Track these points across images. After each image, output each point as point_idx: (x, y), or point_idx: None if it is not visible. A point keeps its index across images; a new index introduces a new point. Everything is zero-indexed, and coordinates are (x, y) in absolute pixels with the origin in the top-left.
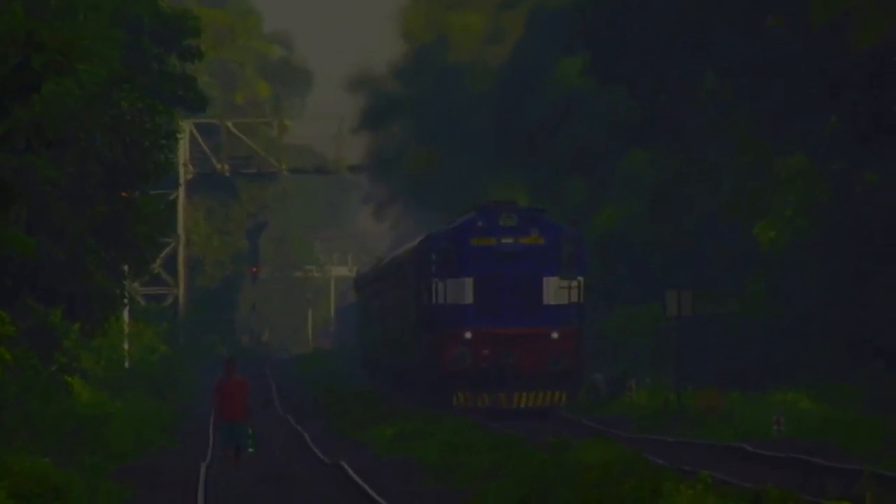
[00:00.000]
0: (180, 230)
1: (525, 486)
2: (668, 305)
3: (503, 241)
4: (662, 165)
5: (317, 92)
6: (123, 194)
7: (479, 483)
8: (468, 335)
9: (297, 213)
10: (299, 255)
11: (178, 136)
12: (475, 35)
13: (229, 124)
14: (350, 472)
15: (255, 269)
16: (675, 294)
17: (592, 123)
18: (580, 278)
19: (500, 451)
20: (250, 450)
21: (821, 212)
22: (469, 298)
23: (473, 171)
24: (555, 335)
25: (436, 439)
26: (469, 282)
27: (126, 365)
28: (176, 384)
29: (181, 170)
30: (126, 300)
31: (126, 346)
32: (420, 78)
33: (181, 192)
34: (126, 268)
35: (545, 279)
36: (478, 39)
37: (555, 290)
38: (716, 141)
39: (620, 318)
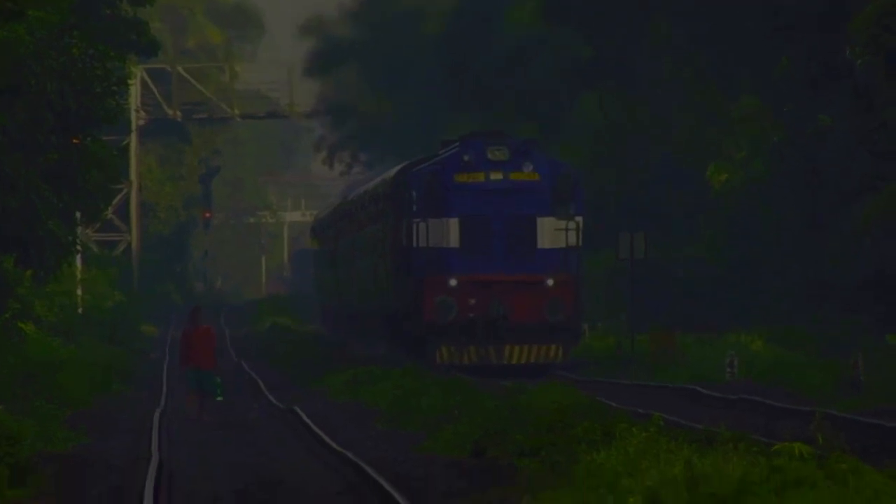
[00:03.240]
0: (133, 176)
1: (478, 430)
2: (620, 248)
3: (492, 176)
4: (613, 109)
5: (269, 37)
6: (75, 141)
7: (432, 427)
8: (453, 282)
9: (250, 159)
10: (252, 201)
11: (130, 81)
12: None
13: (180, 69)
14: (304, 416)
15: (207, 215)
16: (628, 237)
17: (544, 67)
18: (578, 219)
19: (454, 395)
20: (218, 398)
21: (774, 154)
22: (454, 241)
23: (425, 114)
24: (550, 282)
25: (389, 383)
26: (454, 222)
27: (79, 311)
28: (129, 330)
29: (133, 115)
30: (79, 247)
31: (79, 292)
32: (371, 22)
33: (133, 137)
34: (78, 214)
35: (539, 220)
36: None
37: (550, 233)
38: (667, 83)
39: None
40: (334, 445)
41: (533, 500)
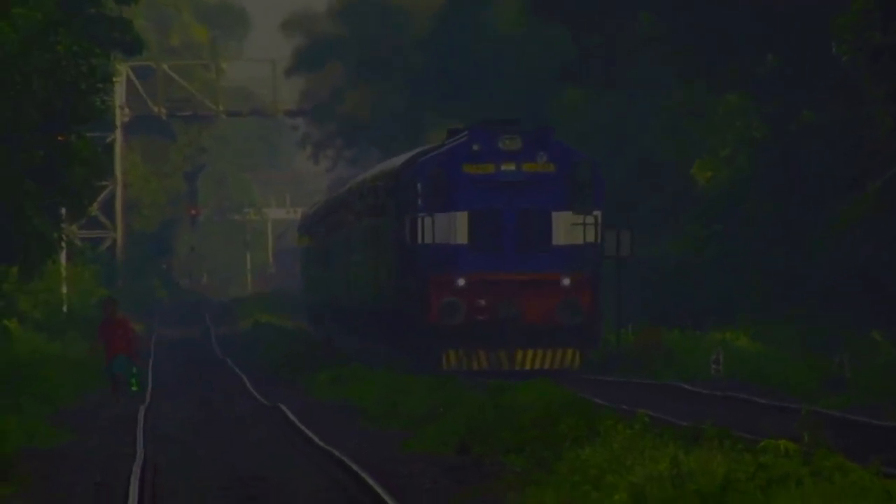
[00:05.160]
0: (118, 173)
1: (463, 428)
2: (606, 245)
3: (504, 167)
4: (599, 105)
5: (254, 34)
6: (60, 138)
7: (417, 425)
8: (461, 282)
9: (235, 156)
10: (238, 198)
11: (115, 79)
12: None
13: (165, 67)
14: (289, 414)
15: (193, 212)
16: (614, 234)
17: (530, 64)
18: (597, 213)
19: (438, 393)
20: (133, 388)
21: (758, 150)
22: (462, 237)
23: (410, 111)
24: (566, 281)
25: (373, 381)
26: (462, 217)
27: (64, 308)
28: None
29: (118, 112)
30: (64, 243)
31: (64, 289)
32: (357, 19)
33: (118, 134)
34: (63, 211)
35: (555, 214)
36: None
37: (566, 228)
38: (652, 80)
39: None
40: (319, 442)
41: (518, 497)
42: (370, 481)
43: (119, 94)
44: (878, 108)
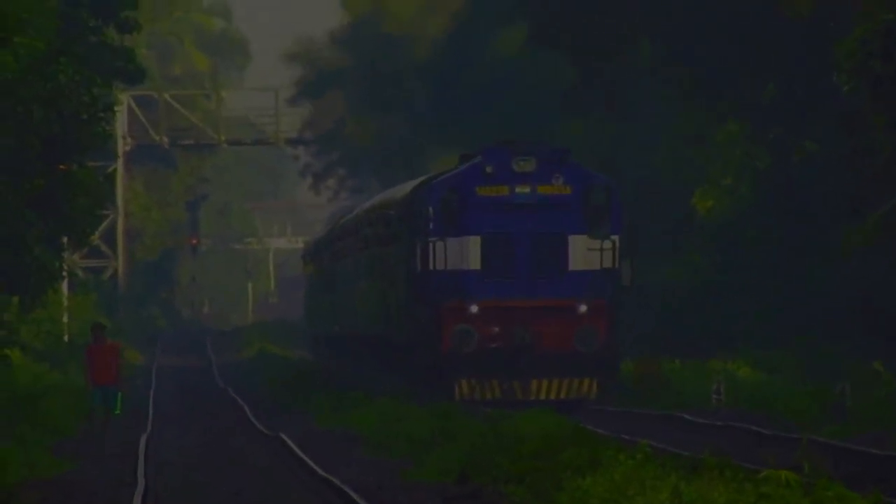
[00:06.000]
0: (119, 202)
1: (463, 456)
2: None
3: (518, 190)
4: (599, 133)
5: (255, 64)
6: (61, 167)
7: (417, 453)
8: (474, 309)
9: (237, 185)
10: (239, 227)
11: (116, 108)
12: (412, 4)
13: (167, 96)
14: (290, 443)
15: (194, 241)
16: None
17: (532, 91)
18: (614, 238)
19: (439, 421)
20: (116, 412)
21: (760, 180)
22: (474, 263)
23: (412, 141)
24: (583, 308)
25: (374, 409)
26: (475, 241)
27: (65, 338)
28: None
29: (119, 142)
30: (65, 273)
31: (65, 318)
32: (358, 49)
33: (119, 164)
34: (65, 240)
35: (571, 238)
36: (416, 9)
37: (583, 253)
38: (653, 108)
39: None
40: (320, 471)
41: None
42: None
43: (120, 123)
44: (879, 137)
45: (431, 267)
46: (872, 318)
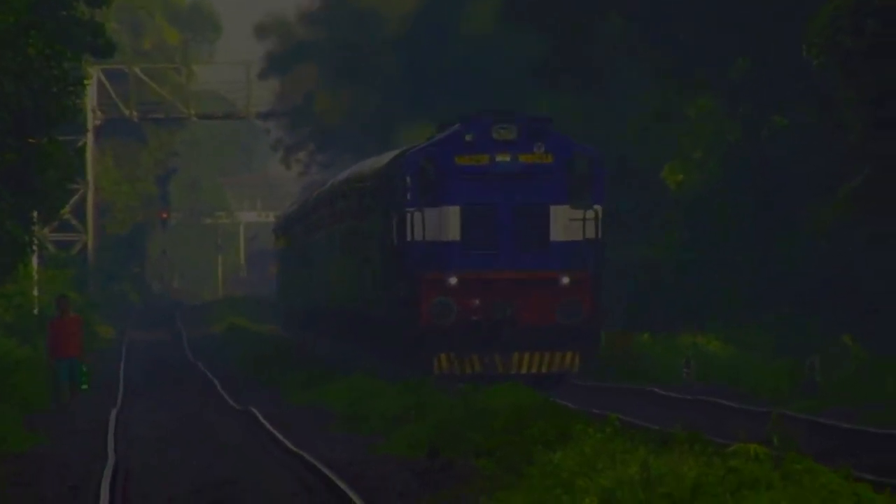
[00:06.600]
0: (89, 176)
1: (434, 431)
2: None
3: (498, 158)
4: (571, 109)
5: (226, 38)
6: (31, 141)
7: (388, 428)
8: (453, 281)
9: (208, 159)
10: (209, 201)
11: (86, 82)
12: None
13: (137, 70)
14: (261, 418)
15: (164, 215)
16: None
17: (504, 66)
18: (597, 207)
19: (408, 396)
20: (83, 387)
21: (730, 154)
22: (454, 233)
23: (382, 114)
24: (565, 280)
25: (346, 385)
26: (454, 212)
27: (36, 312)
28: (86, 331)
29: (89, 116)
30: (35, 247)
31: (36, 292)
32: (329, 21)
33: (89, 138)
34: (35, 214)
35: (553, 208)
36: None
37: (565, 223)
38: (625, 83)
39: None
40: (290, 446)
41: (489, 501)
42: (340, 484)
43: (90, 97)
44: (849, 112)
45: (409, 238)
46: (842, 292)
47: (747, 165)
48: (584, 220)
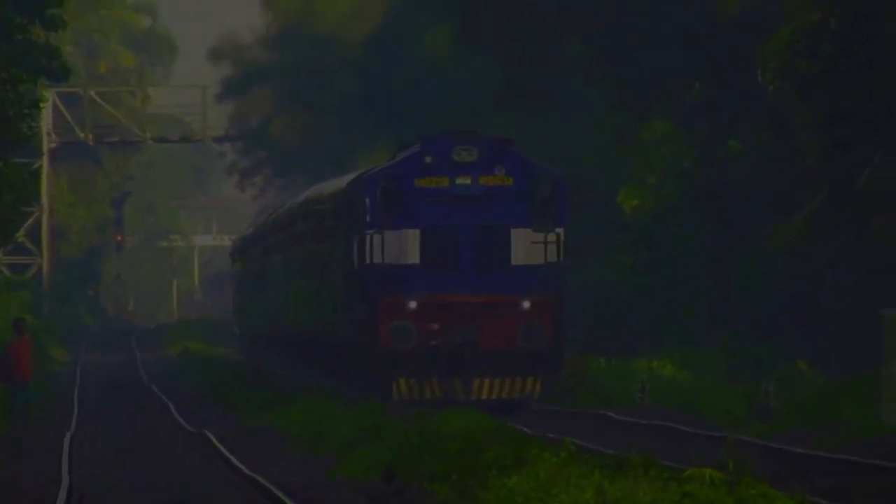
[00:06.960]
0: (44, 199)
1: (389, 455)
2: None
3: (458, 181)
4: (527, 132)
5: (182, 61)
6: None
7: (343, 451)
8: (412, 304)
9: (163, 183)
10: (164, 224)
11: (42, 105)
12: (341, 5)
13: (92, 93)
14: (214, 441)
15: (119, 238)
16: None
17: (459, 90)
18: (559, 230)
19: (364, 419)
20: (33, 412)
21: (685, 178)
22: (414, 257)
23: (339, 138)
24: (526, 304)
25: (301, 407)
26: (414, 234)
27: None
28: (40, 355)
29: (44, 138)
30: None
31: None
32: (286, 47)
33: (45, 160)
34: None
35: (514, 231)
36: (344, 11)
37: (526, 247)
38: (580, 107)
39: None
40: (244, 469)
41: None
42: None
43: (46, 120)
44: (805, 137)
45: (369, 261)
46: (796, 316)
47: (703, 189)
48: (545, 243)
